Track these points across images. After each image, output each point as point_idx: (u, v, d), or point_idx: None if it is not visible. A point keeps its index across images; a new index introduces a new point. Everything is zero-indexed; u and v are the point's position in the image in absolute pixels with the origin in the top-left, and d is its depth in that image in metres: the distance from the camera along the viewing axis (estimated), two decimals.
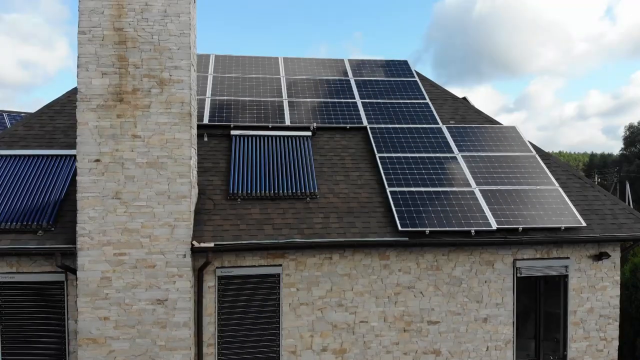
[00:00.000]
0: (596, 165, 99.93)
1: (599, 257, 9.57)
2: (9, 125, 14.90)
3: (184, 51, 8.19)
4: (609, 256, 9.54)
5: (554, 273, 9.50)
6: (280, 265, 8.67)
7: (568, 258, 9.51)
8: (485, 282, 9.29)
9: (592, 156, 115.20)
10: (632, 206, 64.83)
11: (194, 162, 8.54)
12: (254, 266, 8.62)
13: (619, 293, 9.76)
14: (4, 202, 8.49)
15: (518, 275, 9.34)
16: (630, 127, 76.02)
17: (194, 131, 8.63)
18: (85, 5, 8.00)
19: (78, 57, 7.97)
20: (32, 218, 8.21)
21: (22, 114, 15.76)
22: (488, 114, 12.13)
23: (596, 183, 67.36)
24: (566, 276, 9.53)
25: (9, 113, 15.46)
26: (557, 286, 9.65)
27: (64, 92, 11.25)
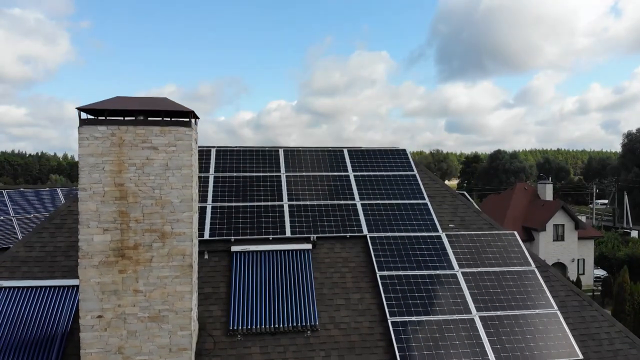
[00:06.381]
0: (594, 169, 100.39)
1: None
2: (7, 202, 14.91)
3: (185, 204, 8.18)
4: None
5: None
6: None
7: None
8: None
9: (590, 158, 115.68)
10: (630, 214, 64.98)
11: (194, 313, 8.57)
12: None
13: None
14: (7, 345, 8.53)
15: None
16: (629, 135, 76.14)
17: (195, 277, 8.65)
18: (85, 162, 7.97)
19: (79, 213, 7.96)
20: None
21: (21, 189, 15.75)
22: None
23: (595, 192, 67.61)
24: None
25: (8, 191, 15.40)
26: None
27: (64, 202, 11.24)
